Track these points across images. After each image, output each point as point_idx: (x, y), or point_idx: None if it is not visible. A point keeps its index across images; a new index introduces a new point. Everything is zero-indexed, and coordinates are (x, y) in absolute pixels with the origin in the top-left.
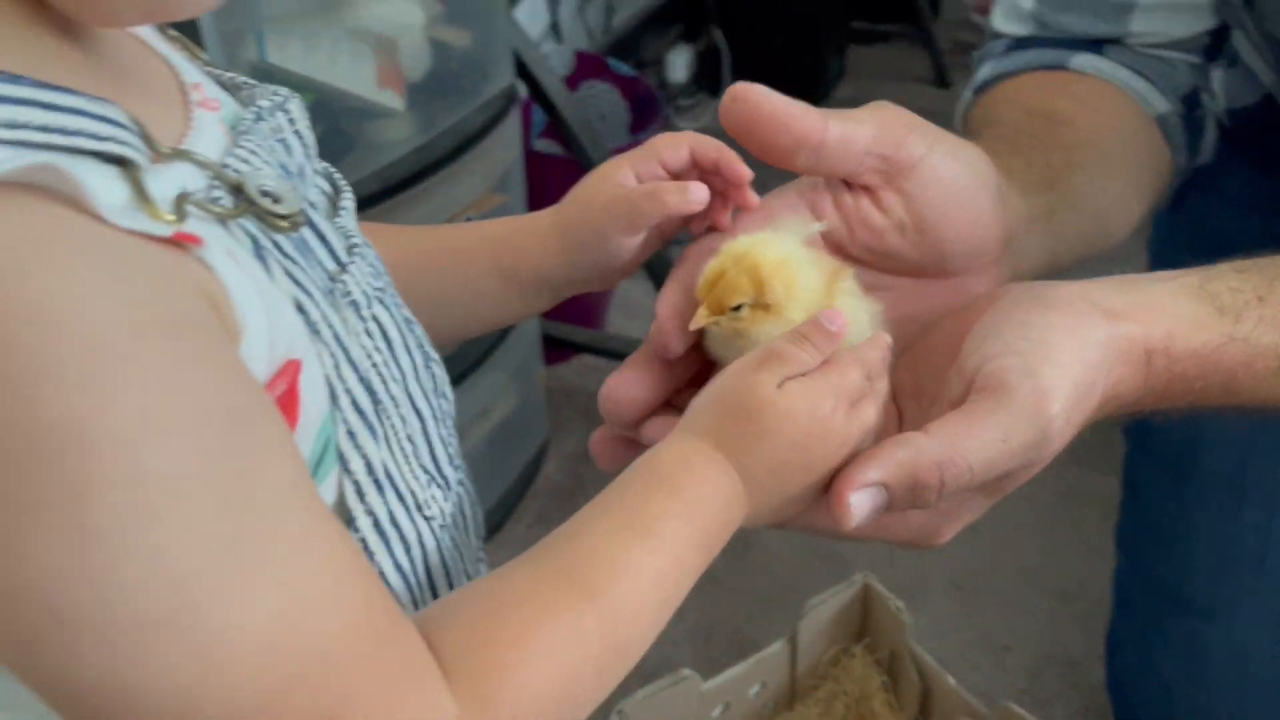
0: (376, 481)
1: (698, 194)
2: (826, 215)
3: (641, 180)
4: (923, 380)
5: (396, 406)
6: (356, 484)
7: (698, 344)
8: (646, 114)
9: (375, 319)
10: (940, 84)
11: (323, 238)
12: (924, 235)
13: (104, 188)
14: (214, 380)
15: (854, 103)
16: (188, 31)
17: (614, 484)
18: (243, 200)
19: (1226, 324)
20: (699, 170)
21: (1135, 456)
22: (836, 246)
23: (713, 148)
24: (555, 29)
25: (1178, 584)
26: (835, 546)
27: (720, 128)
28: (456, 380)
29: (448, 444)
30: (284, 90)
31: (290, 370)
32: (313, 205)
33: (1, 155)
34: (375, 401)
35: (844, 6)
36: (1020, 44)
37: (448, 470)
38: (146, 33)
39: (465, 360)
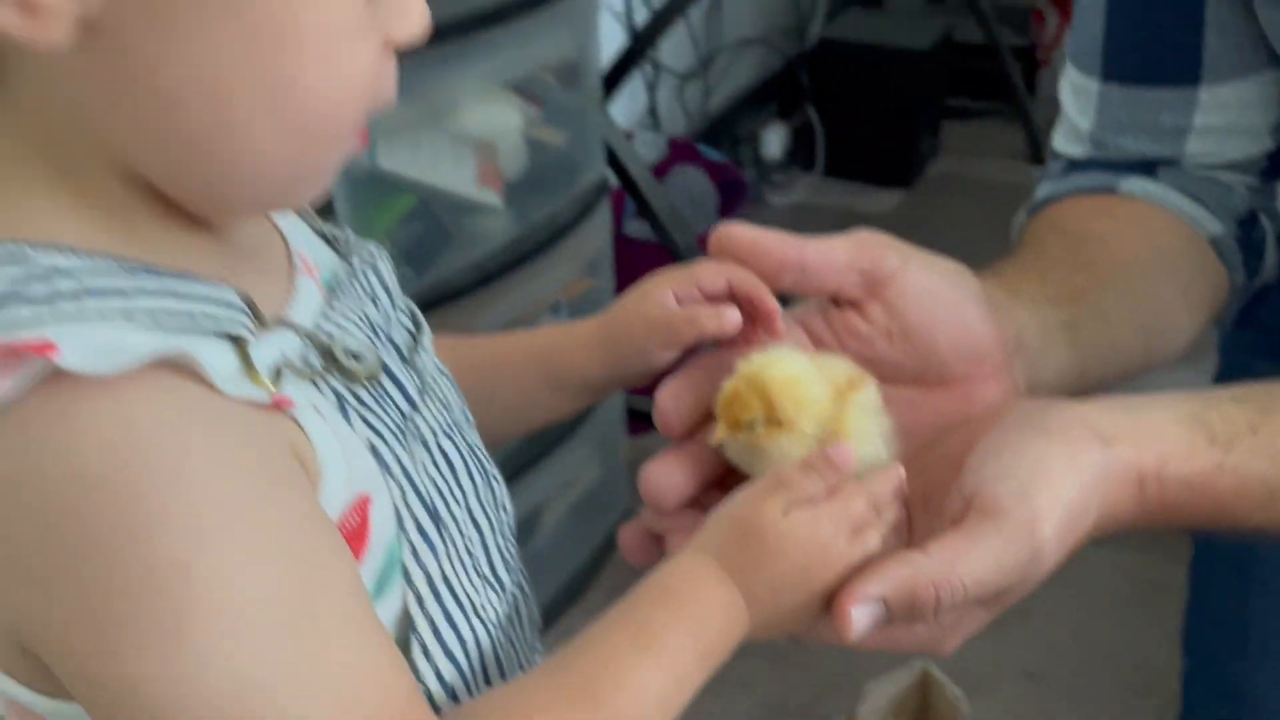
0: (436, 591)
1: (731, 320)
2: (819, 333)
3: (680, 301)
4: (931, 489)
5: (457, 524)
6: (418, 594)
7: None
8: (734, 197)
9: (441, 450)
10: (1036, 160)
11: (398, 384)
12: (911, 341)
13: (218, 361)
14: (294, 527)
15: (948, 179)
16: None
17: (627, 598)
18: (330, 361)
19: (1217, 453)
20: (733, 297)
21: (1200, 555)
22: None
23: (749, 283)
24: (653, 113)
25: (1242, 685)
26: None
27: (812, 203)
28: (544, 453)
29: (504, 551)
30: (374, 247)
31: (362, 504)
32: (395, 345)
33: (146, 339)
34: (438, 522)
35: (939, 84)
36: (1076, 166)
37: (503, 574)
38: None
39: (552, 434)
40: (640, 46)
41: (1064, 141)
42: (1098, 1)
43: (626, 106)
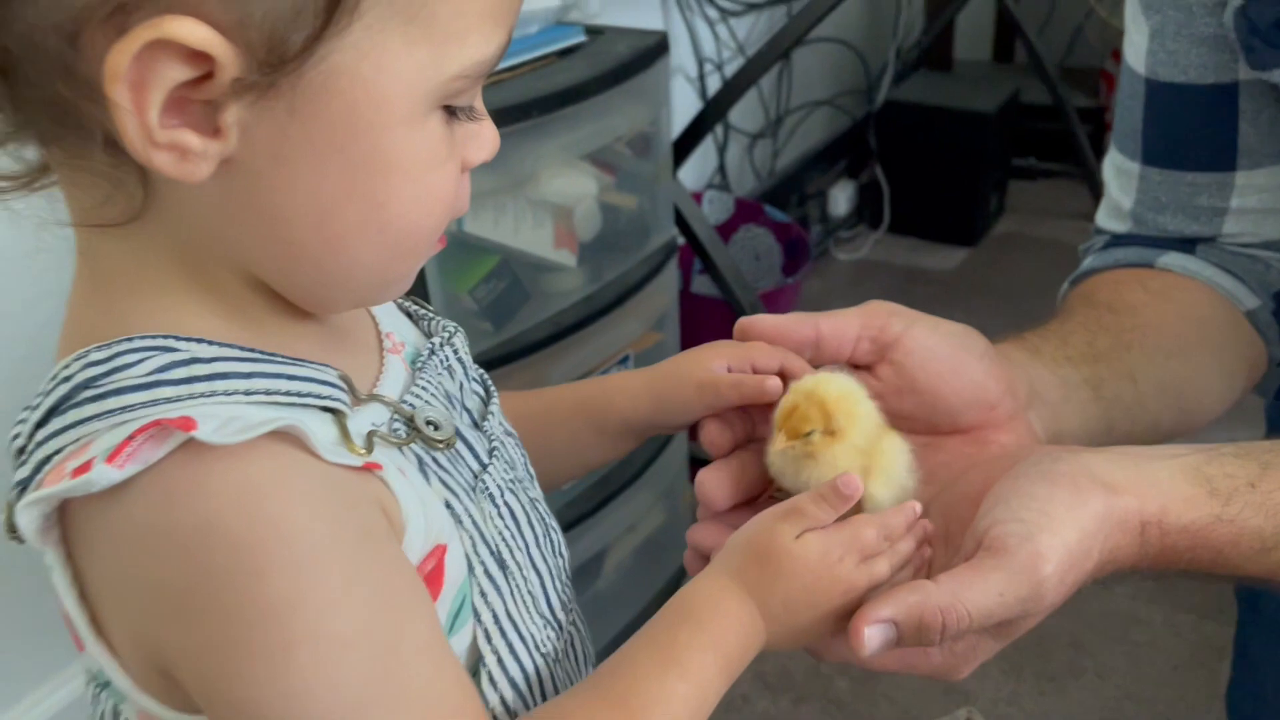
0: (501, 628)
1: (773, 388)
2: None
3: (731, 371)
4: (950, 527)
5: (520, 569)
6: (485, 630)
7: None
8: (798, 257)
9: (506, 504)
10: None
11: (470, 447)
12: (920, 395)
13: (321, 431)
14: (381, 571)
15: (1014, 238)
16: None
17: (656, 618)
18: (413, 430)
19: (1216, 505)
20: (780, 375)
21: (1245, 620)
22: None
23: (799, 368)
24: (722, 172)
25: None
26: (960, 681)
27: (877, 260)
28: (609, 498)
29: (561, 593)
30: (451, 325)
31: (438, 551)
32: (468, 411)
33: (263, 414)
34: (503, 567)
35: (1005, 144)
36: (1118, 240)
37: (560, 614)
38: None
39: (618, 480)
40: (712, 114)
41: (1106, 218)
42: (1137, 90)
43: (698, 166)
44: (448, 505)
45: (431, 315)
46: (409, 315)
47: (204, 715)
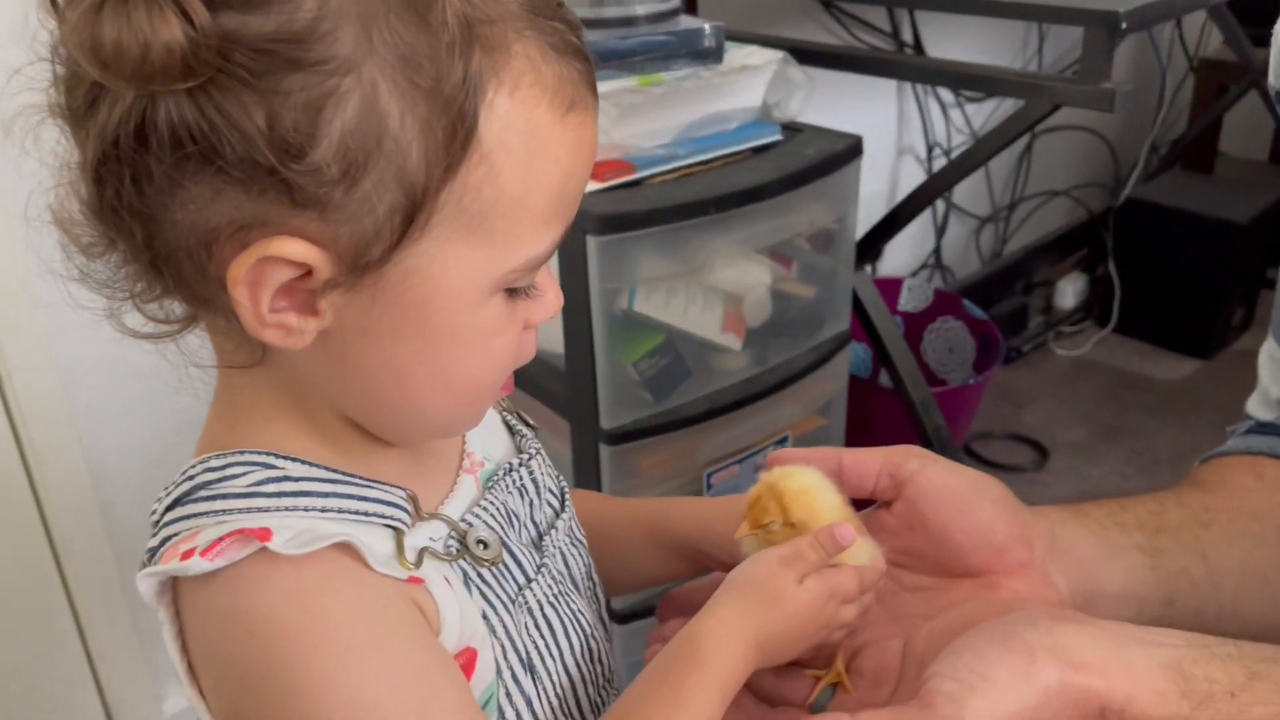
0: None
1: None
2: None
3: None
4: (926, 655)
5: (550, 675)
6: None
7: None
8: (990, 354)
9: (545, 616)
10: None
11: (519, 563)
12: (929, 531)
13: (378, 545)
14: (413, 654)
15: (1255, 357)
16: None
17: (665, 656)
18: (463, 547)
19: (1186, 708)
20: None
21: None
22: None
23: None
24: (937, 254)
25: None
26: None
27: (1098, 360)
28: None
29: (596, 697)
30: (535, 445)
31: (468, 654)
32: (535, 524)
33: (331, 529)
34: (532, 672)
35: (1257, 256)
36: (1260, 428)
37: (590, 716)
38: None
39: None
40: (912, 205)
41: (1255, 405)
42: None
43: (914, 246)
44: (484, 615)
45: (525, 434)
46: (510, 429)
47: None
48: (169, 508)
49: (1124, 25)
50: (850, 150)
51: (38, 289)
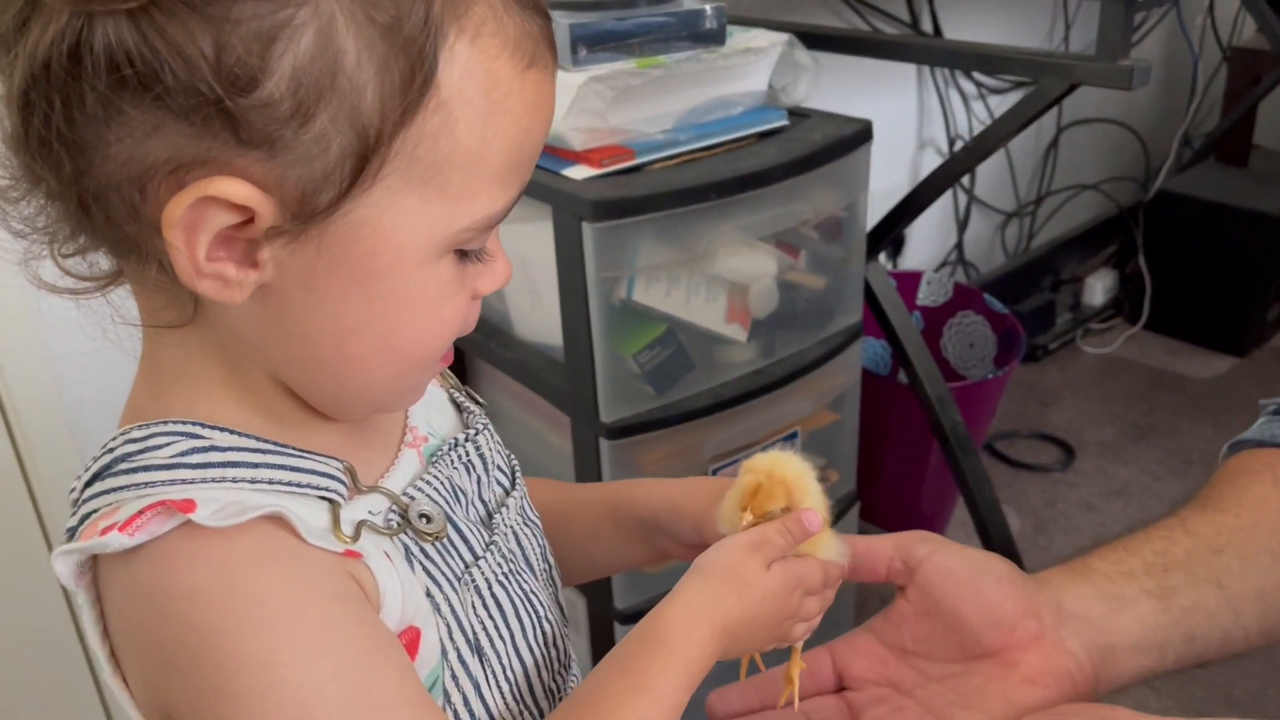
0: (471, 710)
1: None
2: (876, 627)
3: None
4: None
5: (500, 657)
6: (455, 712)
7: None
8: (1010, 350)
9: (494, 596)
10: None
11: (465, 540)
12: (942, 615)
13: (312, 518)
14: (350, 628)
15: None
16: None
17: (629, 641)
18: (404, 521)
19: None
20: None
21: None
22: (899, 646)
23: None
24: (959, 249)
25: None
26: None
27: (1129, 358)
28: None
29: (550, 683)
30: (481, 421)
31: (412, 633)
32: (483, 503)
33: (260, 500)
34: (479, 654)
35: None
36: None
37: (544, 703)
38: None
39: None
40: (920, 198)
41: None
42: None
43: (937, 241)
44: (428, 593)
45: (473, 410)
46: (457, 406)
47: None
48: (88, 483)
49: None
50: (859, 135)
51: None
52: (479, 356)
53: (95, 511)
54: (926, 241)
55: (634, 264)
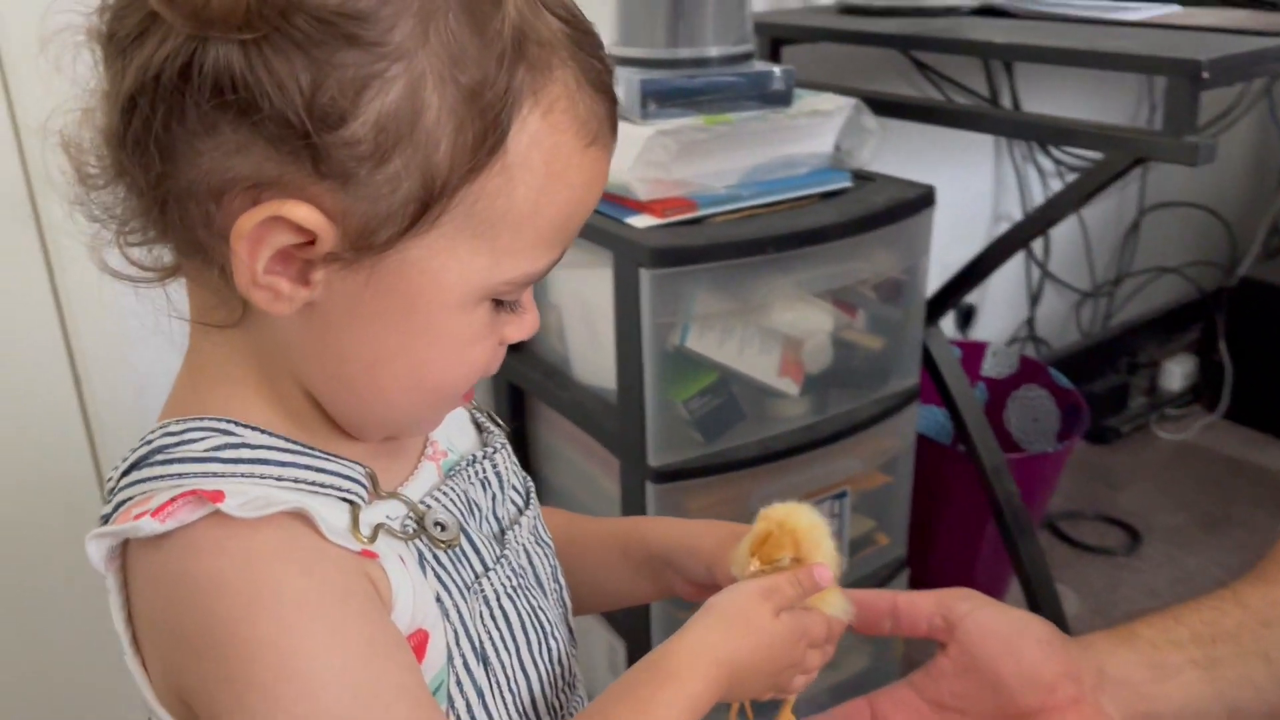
0: (474, 717)
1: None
2: (916, 681)
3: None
4: None
5: (504, 668)
6: (457, 717)
7: None
8: (1074, 425)
9: (501, 608)
10: None
11: (477, 551)
12: (981, 673)
13: (333, 517)
14: (361, 624)
15: None
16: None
17: (637, 670)
18: (420, 528)
19: None
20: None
21: None
22: (937, 701)
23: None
24: (1030, 325)
25: None
26: None
27: (1204, 446)
28: None
29: (554, 699)
30: (499, 441)
31: (420, 636)
32: (497, 519)
33: (285, 497)
34: (485, 663)
35: None
36: None
37: (545, 717)
38: None
39: None
40: (981, 268)
41: None
42: None
43: (1007, 315)
44: (438, 598)
45: (492, 430)
46: (477, 427)
47: None
48: (124, 473)
49: (1206, 75)
50: (921, 199)
51: (109, 295)
52: (538, 396)
53: (130, 499)
54: (997, 315)
55: (690, 312)
